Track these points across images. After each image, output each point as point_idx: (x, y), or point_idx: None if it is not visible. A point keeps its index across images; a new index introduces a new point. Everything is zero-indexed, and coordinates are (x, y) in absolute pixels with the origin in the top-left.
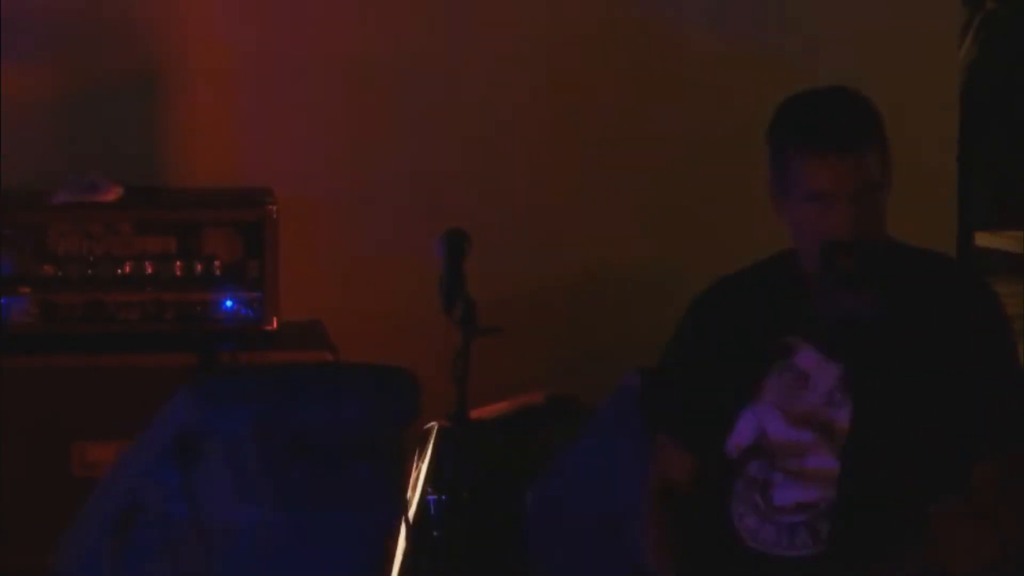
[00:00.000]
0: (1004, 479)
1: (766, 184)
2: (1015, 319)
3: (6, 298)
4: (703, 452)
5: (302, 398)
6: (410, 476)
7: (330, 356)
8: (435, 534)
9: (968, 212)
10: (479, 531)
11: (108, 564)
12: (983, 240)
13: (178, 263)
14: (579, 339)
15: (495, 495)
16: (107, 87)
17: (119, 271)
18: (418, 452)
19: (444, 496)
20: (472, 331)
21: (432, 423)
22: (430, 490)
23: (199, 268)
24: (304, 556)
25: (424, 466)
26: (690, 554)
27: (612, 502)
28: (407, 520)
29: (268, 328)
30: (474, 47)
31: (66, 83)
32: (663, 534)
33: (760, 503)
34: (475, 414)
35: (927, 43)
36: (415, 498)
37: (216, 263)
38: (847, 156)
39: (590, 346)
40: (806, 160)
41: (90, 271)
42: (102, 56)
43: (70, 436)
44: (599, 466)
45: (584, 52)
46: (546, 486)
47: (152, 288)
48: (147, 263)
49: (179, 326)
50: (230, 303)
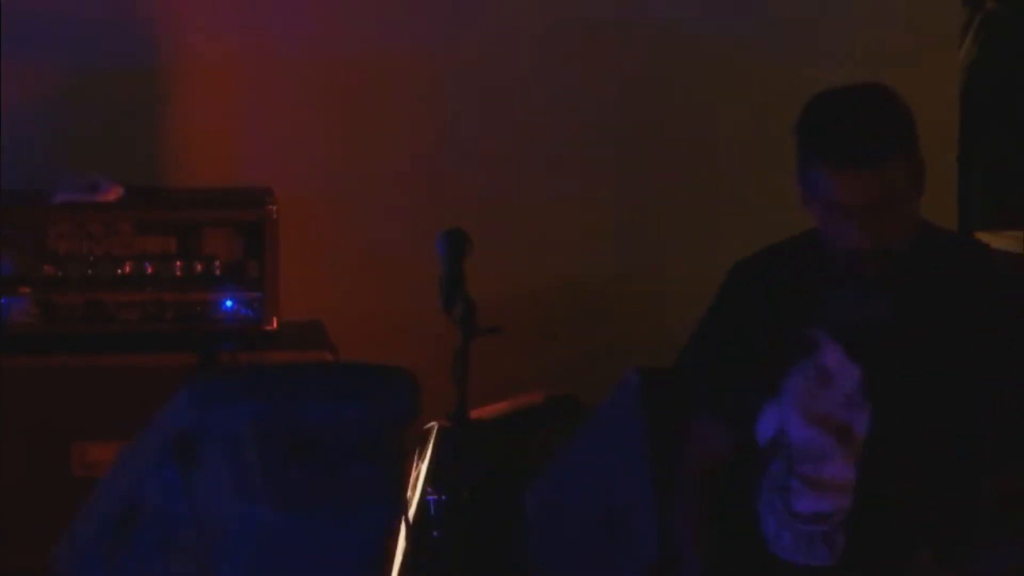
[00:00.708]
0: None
1: (766, 185)
2: None
3: (6, 298)
4: (738, 431)
5: (302, 398)
6: (410, 476)
7: (330, 356)
8: (435, 534)
9: (968, 212)
10: (479, 531)
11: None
12: (983, 240)
13: (178, 263)
14: (579, 339)
15: (495, 495)
16: (107, 87)
17: (119, 271)
18: (418, 452)
19: (444, 496)
20: (472, 331)
21: (432, 423)
22: (430, 490)
23: (199, 268)
24: (304, 556)
25: (424, 466)
26: (720, 541)
27: (612, 502)
28: (407, 520)
29: (268, 328)
30: (474, 47)
31: (66, 83)
32: (702, 511)
33: (780, 508)
34: (475, 414)
35: (927, 43)
36: (415, 498)
37: (216, 263)
38: (866, 171)
39: (590, 346)
40: (826, 170)
41: (90, 271)
42: (102, 56)
43: (70, 436)
44: (599, 466)
45: (585, 53)
46: (546, 486)
47: (152, 288)
48: (147, 263)
49: (179, 326)
50: (230, 303)
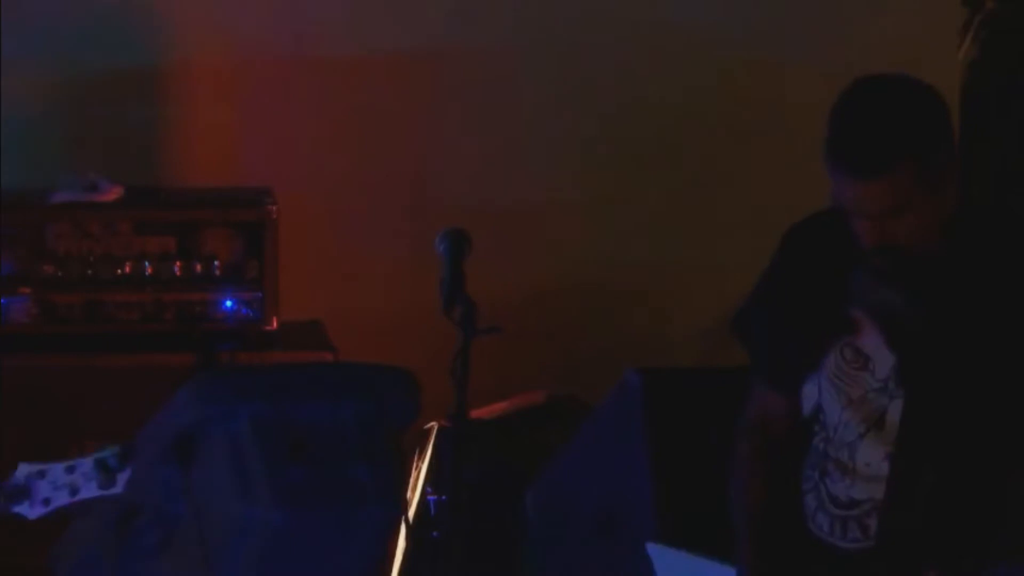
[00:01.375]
0: None
1: (767, 185)
2: None
3: (6, 298)
4: (792, 396)
5: (302, 398)
6: (410, 476)
7: (330, 356)
8: (435, 534)
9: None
10: (479, 531)
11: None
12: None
13: (178, 263)
14: (579, 339)
15: (495, 495)
16: (107, 87)
17: (119, 271)
18: (418, 452)
19: (444, 496)
20: (472, 331)
21: (432, 423)
22: (430, 490)
23: (199, 268)
24: (304, 555)
25: (424, 466)
26: (766, 512)
27: (612, 502)
28: (407, 520)
29: (268, 328)
30: (474, 47)
31: (66, 83)
32: (753, 490)
33: (820, 486)
34: (475, 414)
35: (927, 43)
36: (415, 498)
37: (216, 263)
38: (869, 183)
39: (590, 346)
40: (836, 174)
41: (90, 271)
42: (102, 56)
43: (70, 436)
44: (599, 466)
45: (584, 53)
46: (546, 486)
47: (152, 288)
48: (147, 263)
49: (179, 326)
50: (230, 303)
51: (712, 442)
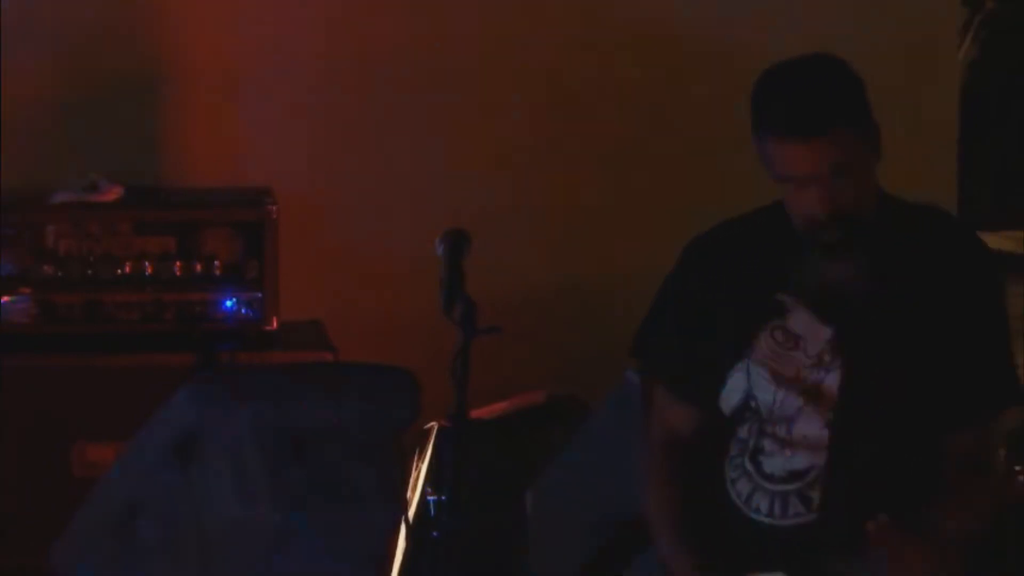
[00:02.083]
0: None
1: (768, 186)
2: (1015, 319)
3: (6, 298)
4: (701, 405)
5: (302, 398)
6: (410, 476)
7: (330, 356)
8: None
9: (968, 212)
10: (479, 531)
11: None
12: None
13: (178, 263)
14: (579, 339)
15: (495, 495)
16: (107, 87)
17: (119, 271)
18: (418, 452)
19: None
20: (472, 331)
21: (432, 423)
22: (430, 490)
23: (199, 268)
24: (304, 556)
25: (424, 466)
26: (690, 515)
27: (612, 502)
28: (407, 520)
29: (268, 328)
30: (474, 47)
31: (66, 83)
32: (667, 497)
33: (751, 469)
34: (475, 414)
35: (927, 43)
36: (415, 498)
37: (216, 263)
38: (812, 141)
39: (590, 346)
40: (776, 144)
41: (90, 271)
42: (102, 56)
43: (70, 436)
44: (599, 466)
45: (584, 53)
46: (546, 486)
47: (152, 288)
48: (147, 263)
49: (179, 326)
50: (230, 303)
51: None
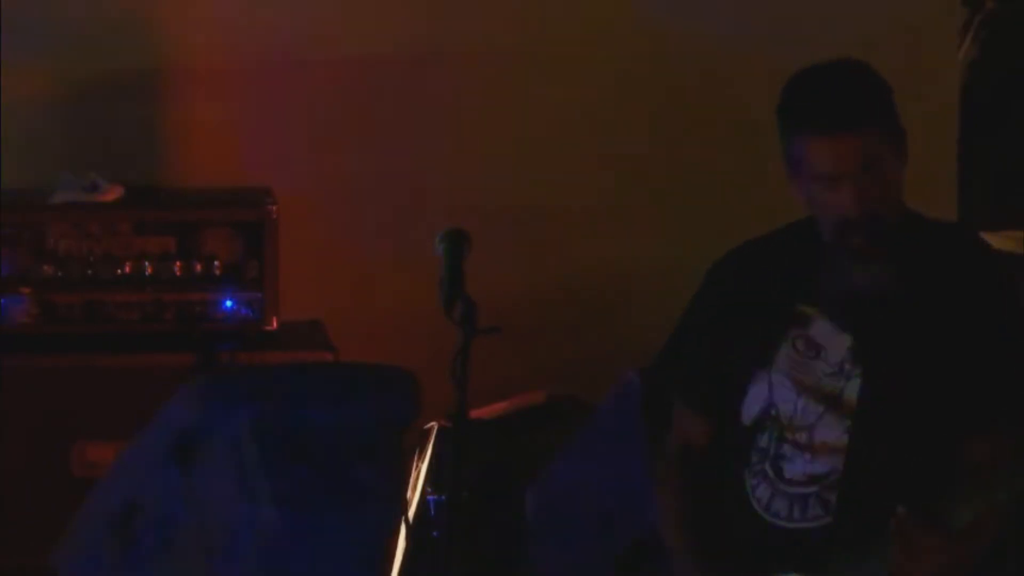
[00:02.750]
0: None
1: (766, 183)
2: None
3: (6, 298)
4: (718, 418)
5: (302, 398)
6: (410, 476)
7: (330, 356)
8: (435, 534)
9: (968, 212)
10: (479, 531)
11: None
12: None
13: (178, 263)
14: (579, 339)
15: (495, 495)
16: (107, 87)
17: (119, 271)
18: (418, 452)
19: (444, 496)
20: (472, 331)
21: (432, 423)
22: (430, 490)
23: (199, 268)
24: (304, 556)
25: (424, 466)
26: (704, 521)
27: (612, 502)
28: (407, 520)
29: (268, 328)
30: (474, 47)
31: (66, 83)
32: (680, 501)
33: (771, 474)
34: (475, 414)
35: (927, 43)
36: (415, 498)
37: (216, 263)
38: (846, 135)
39: (590, 346)
40: (807, 141)
41: (90, 271)
42: (102, 56)
43: (70, 436)
44: (599, 466)
45: (584, 53)
46: (546, 486)
47: (152, 288)
48: (147, 263)
49: (179, 326)
50: (230, 303)
51: None
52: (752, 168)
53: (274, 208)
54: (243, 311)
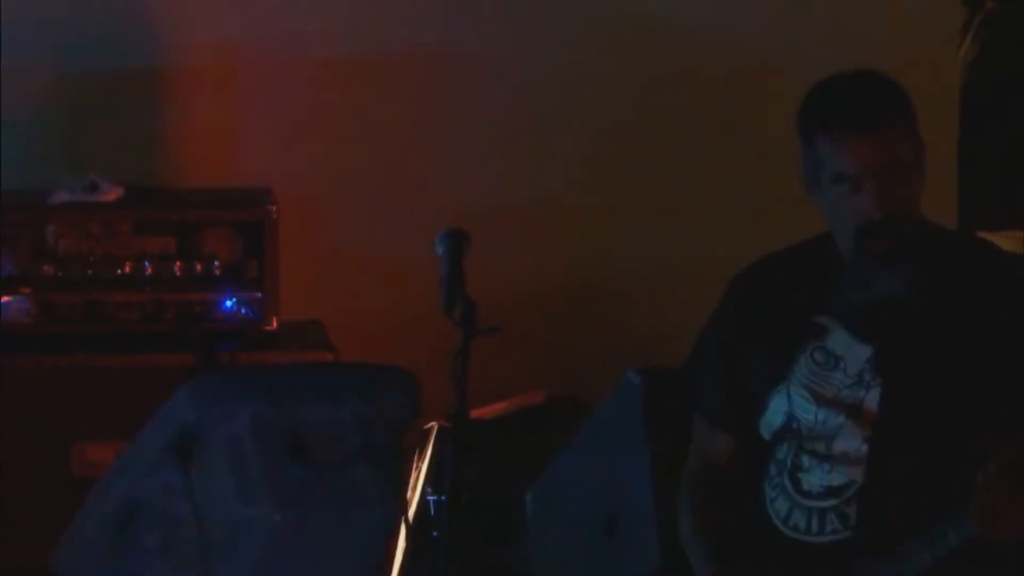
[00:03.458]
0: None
1: (767, 186)
2: None
3: (6, 298)
4: (739, 433)
5: (302, 398)
6: (410, 476)
7: (330, 356)
8: (435, 534)
9: (968, 212)
10: (479, 531)
11: (108, 563)
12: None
13: (178, 263)
14: (579, 339)
15: (495, 495)
16: (107, 87)
17: (119, 271)
18: (418, 452)
19: (444, 496)
20: (472, 331)
21: (432, 423)
22: (430, 490)
23: (199, 268)
24: (304, 556)
25: (424, 466)
26: (727, 538)
27: (612, 503)
28: (407, 520)
29: (268, 328)
30: (474, 47)
31: (66, 83)
32: (702, 520)
33: (789, 487)
34: (475, 414)
35: (927, 43)
36: (415, 498)
37: (216, 263)
38: (872, 136)
39: (590, 346)
40: (832, 142)
41: (90, 271)
42: (102, 56)
43: (70, 436)
44: (599, 466)
45: (584, 53)
46: (546, 486)
47: (152, 288)
48: (147, 263)
49: (179, 326)
50: (230, 303)
51: None
52: (753, 168)
53: (274, 208)
54: (243, 311)
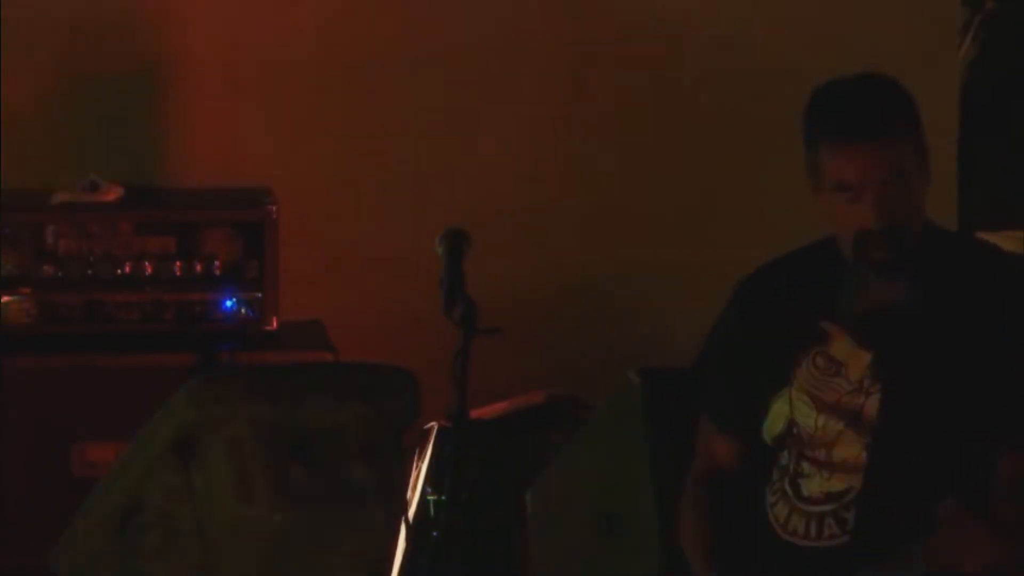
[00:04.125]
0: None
1: (766, 186)
2: None
3: (6, 298)
4: (744, 437)
5: (302, 398)
6: (410, 476)
7: (330, 356)
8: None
9: (968, 212)
10: (479, 531)
11: (108, 563)
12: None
13: (178, 263)
14: (579, 339)
15: (495, 495)
16: (107, 87)
17: (119, 271)
18: (418, 452)
19: (444, 496)
20: (472, 331)
21: (432, 423)
22: (430, 490)
23: (199, 268)
24: (304, 556)
25: (424, 466)
26: (726, 541)
27: (612, 503)
28: (407, 520)
29: (268, 328)
30: (474, 47)
31: (66, 83)
32: (702, 522)
33: (789, 492)
34: (475, 414)
35: (927, 43)
36: (415, 498)
37: (216, 263)
38: (874, 145)
39: (590, 346)
40: (834, 149)
41: (90, 271)
42: (102, 56)
43: (70, 436)
44: (599, 467)
45: (584, 53)
46: (546, 486)
47: (152, 288)
48: (147, 263)
49: (179, 326)
50: (230, 303)
51: None
52: (754, 169)
53: (274, 208)
54: (243, 311)
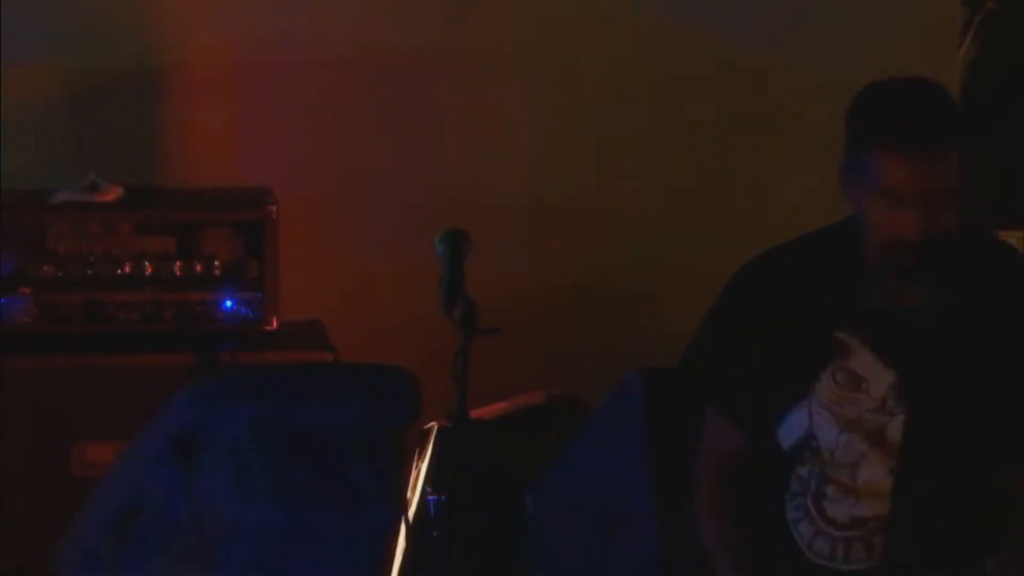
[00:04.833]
0: None
1: (767, 185)
2: None
3: (6, 298)
4: (753, 434)
5: (302, 398)
6: (410, 476)
7: (330, 356)
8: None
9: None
10: (479, 531)
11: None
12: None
13: (178, 263)
14: (579, 339)
15: (495, 495)
16: (107, 87)
17: (119, 271)
18: (418, 452)
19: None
20: (472, 331)
21: (432, 423)
22: (430, 490)
23: (199, 268)
24: (304, 556)
25: (424, 466)
26: (746, 551)
27: (612, 502)
28: (407, 520)
29: (268, 328)
30: (474, 47)
31: (66, 83)
32: (728, 531)
33: (814, 512)
34: (475, 414)
35: (927, 43)
36: (415, 498)
37: (216, 263)
38: (929, 156)
39: (590, 346)
40: (886, 155)
41: (90, 271)
42: (102, 56)
43: (70, 436)
44: (599, 466)
45: (584, 53)
46: (546, 486)
47: (152, 288)
48: (147, 263)
49: (179, 326)
50: (230, 303)
51: None
52: (754, 169)
53: (274, 208)
54: (243, 311)
